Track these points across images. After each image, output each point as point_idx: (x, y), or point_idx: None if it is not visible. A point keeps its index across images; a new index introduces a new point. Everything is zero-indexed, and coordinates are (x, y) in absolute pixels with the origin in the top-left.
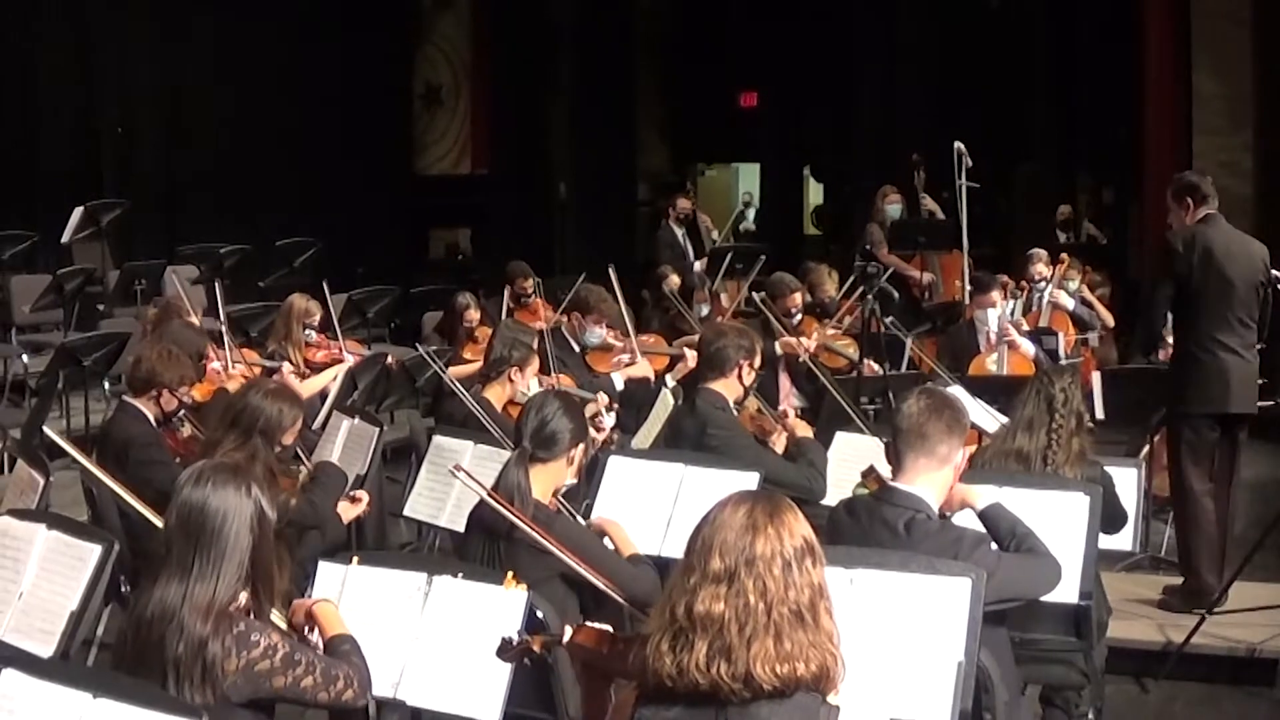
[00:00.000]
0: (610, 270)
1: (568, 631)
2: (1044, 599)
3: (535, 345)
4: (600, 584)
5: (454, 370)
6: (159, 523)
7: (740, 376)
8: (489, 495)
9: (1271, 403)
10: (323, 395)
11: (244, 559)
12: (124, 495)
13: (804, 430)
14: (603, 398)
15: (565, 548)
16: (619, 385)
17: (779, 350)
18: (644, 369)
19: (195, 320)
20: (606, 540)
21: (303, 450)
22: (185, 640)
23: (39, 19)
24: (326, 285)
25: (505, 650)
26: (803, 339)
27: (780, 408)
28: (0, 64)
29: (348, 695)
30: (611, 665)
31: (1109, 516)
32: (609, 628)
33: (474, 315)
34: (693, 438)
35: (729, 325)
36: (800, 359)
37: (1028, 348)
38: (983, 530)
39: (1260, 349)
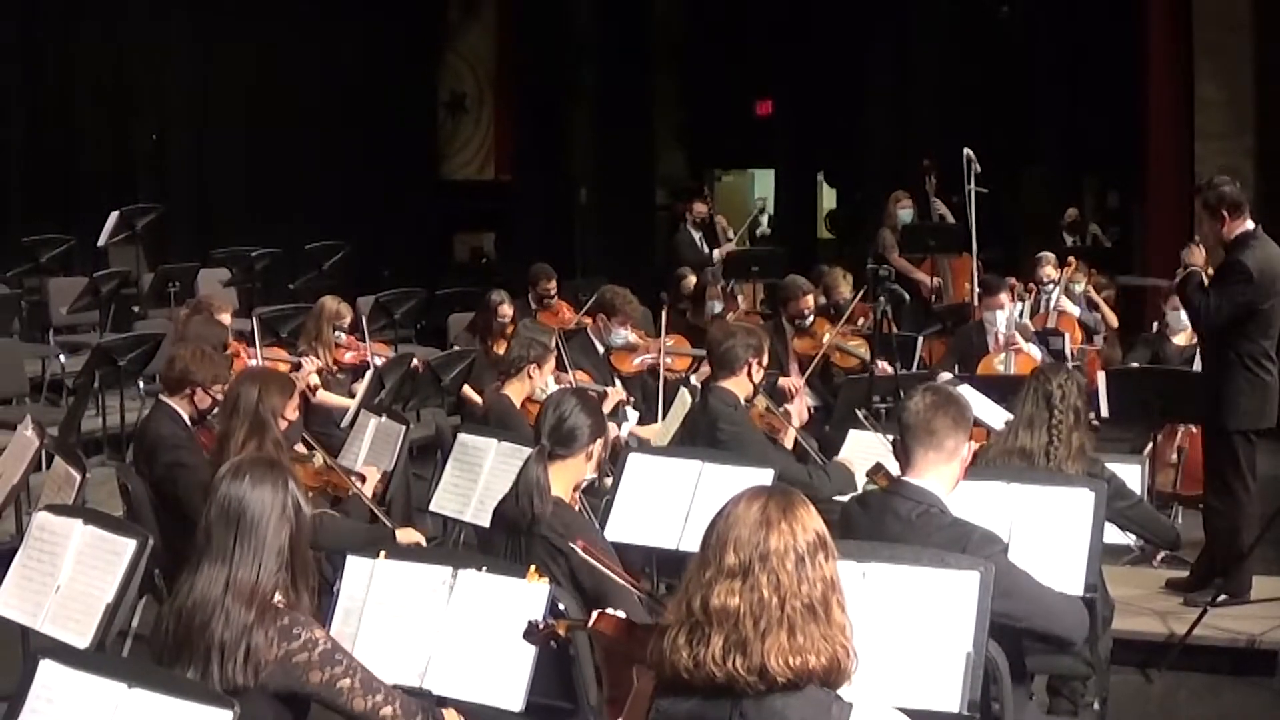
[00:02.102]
0: (662, 313)
1: (592, 617)
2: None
3: (552, 344)
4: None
5: (467, 391)
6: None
7: (749, 374)
8: (583, 550)
9: None
10: (351, 394)
11: (283, 547)
12: None
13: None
14: (619, 391)
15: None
16: (627, 430)
17: (780, 384)
18: (654, 431)
19: (226, 319)
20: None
21: (320, 445)
22: (230, 626)
23: (76, 29)
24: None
25: (531, 634)
26: (793, 379)
27: (784, 408)
28: (38, 73)
29: (386, 711)
30: (632, 652)
31: (1155, 532)
32: (632, 614)
33: (507, 311)
34: (705, 434)
35: (737, 325)
36: (791, 397)
37: (1034, 352)
38: (993, 529)
39: None
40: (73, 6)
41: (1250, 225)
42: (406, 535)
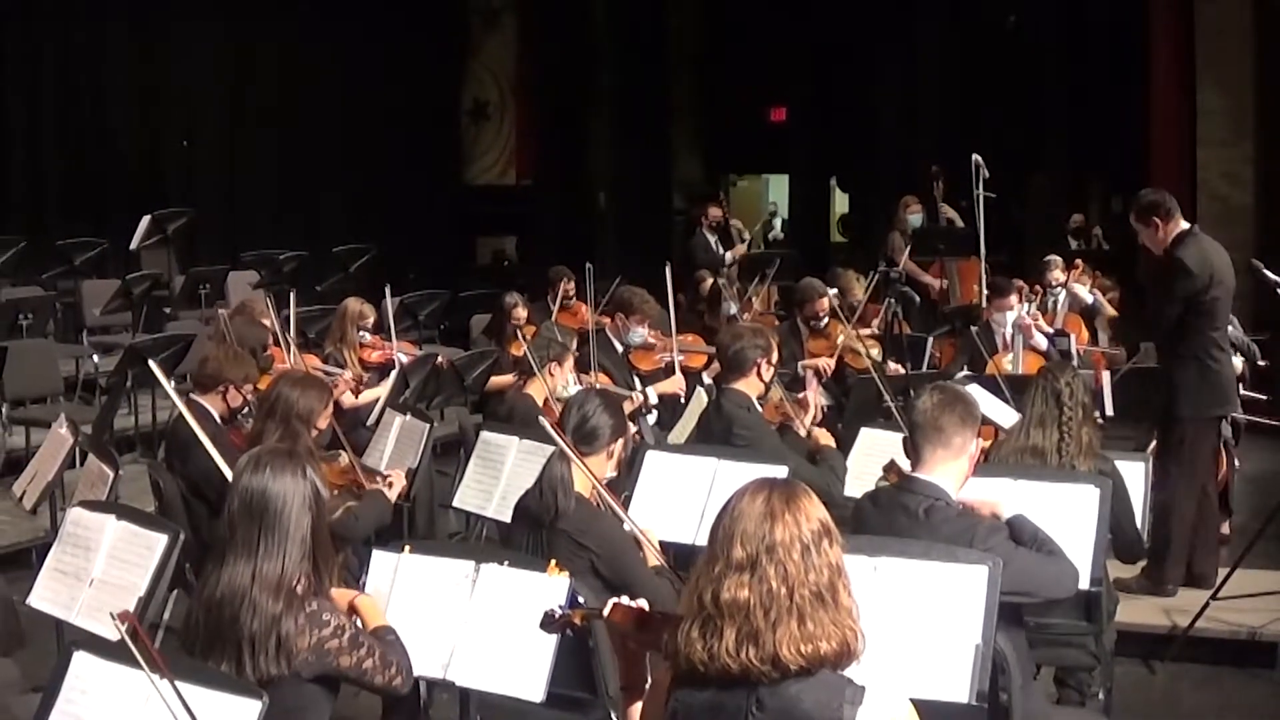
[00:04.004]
0: (666, 270)
1: (607, 606)
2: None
3: (570, 343)
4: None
5: (493, 381)
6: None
7: (760, 374)
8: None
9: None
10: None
11: (305, 536)
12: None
13: (827, 439)
14: (639, 395)
15: (602, 546)
16: (653, 399)
17: (801, 370)
18: (676, 384)
19: (268, 322)
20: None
21: (346, 443)
22: (259, 617)
23: (108, 37)
24: (389, 289)
25: (549, 623)
26: (822, 359)
27: (802, 394)
28: (72, 82)
29: (396, 682)
30: (646, 641)
31: (1126, 541)
32: (645, 604)
33: (521, 314)
34: (720, 436)
35: (745, 327)
36: (823, 378)
37: (1041, 342)
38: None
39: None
40: (105, 14)
41: (1185, 225)
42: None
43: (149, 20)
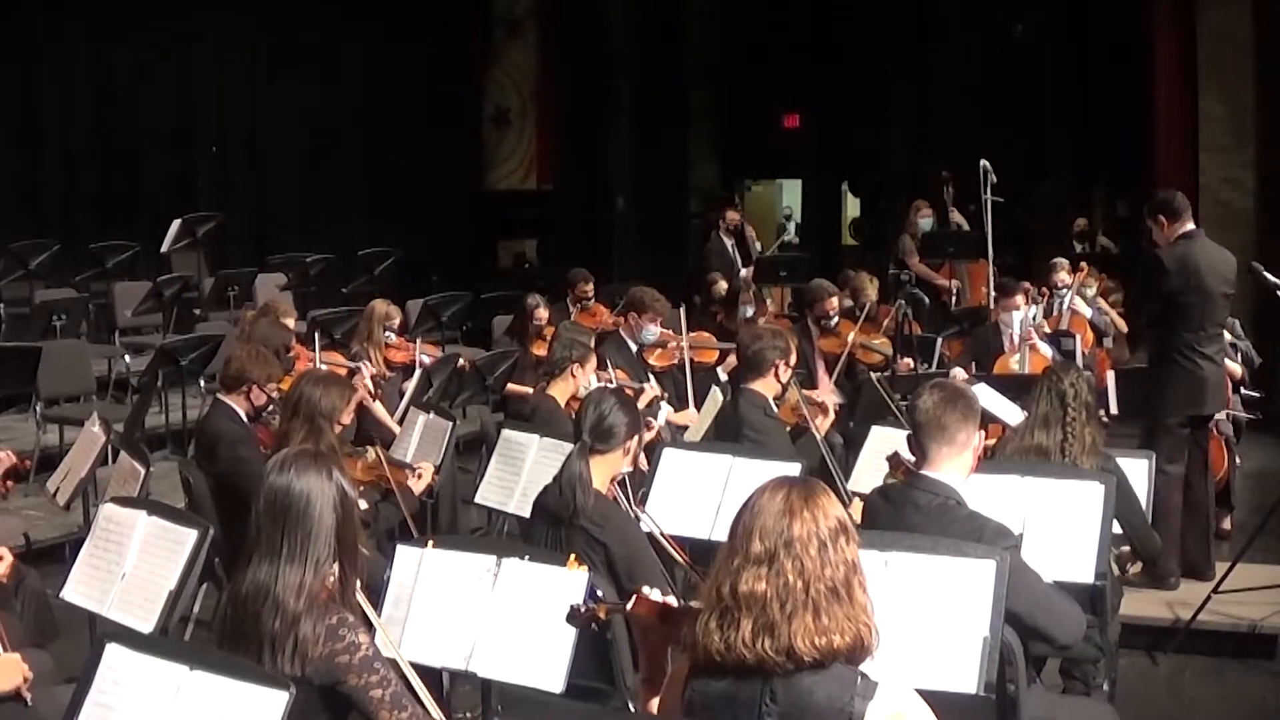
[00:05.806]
0: (681, 310)
1: (630, 600)
2: (1063, 580)
3: (592, 343)
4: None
5: (511, 388)
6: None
7: (777, 375)
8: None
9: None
10: (401, 392)
11: (330, 537)
12: None
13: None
14: (654, 388)
15: (617, 543)
16: (662, 419)
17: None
18: (689, 417)
19: (291, 323)
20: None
21: (372, 440)
22: (281, 616)
23: (142, 46)
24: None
25: (574, 617)
26: (820, 392)
27: (821, 399)
28: (105, 90)
29: None
30: (667, 634)
31: (1142, 538)
32: (670, 599)
33: (543, 314)
34: (734, 433)
35: (764, 328)
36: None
37: (1046, 350)
38: (1008, 520)
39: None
40: (138, 20)
41: (1190, 226)
42: None
43: (181, 27)
